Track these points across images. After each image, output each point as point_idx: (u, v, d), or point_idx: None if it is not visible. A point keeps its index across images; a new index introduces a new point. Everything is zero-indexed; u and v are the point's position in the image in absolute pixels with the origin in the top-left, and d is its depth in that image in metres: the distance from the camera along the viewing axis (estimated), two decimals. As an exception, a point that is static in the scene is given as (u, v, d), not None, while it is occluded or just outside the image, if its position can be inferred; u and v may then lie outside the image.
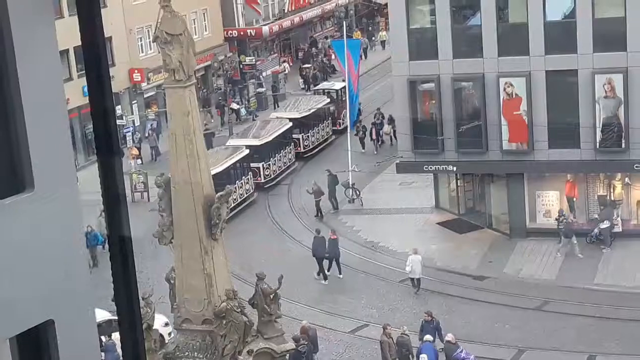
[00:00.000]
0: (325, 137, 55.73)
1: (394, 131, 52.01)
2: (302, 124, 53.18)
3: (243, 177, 46.02)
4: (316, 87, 64.06)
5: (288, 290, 31.90)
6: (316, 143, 54.85)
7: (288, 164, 51.15)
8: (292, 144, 52.10)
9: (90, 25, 3.56)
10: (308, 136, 54.06)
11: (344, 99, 55.06)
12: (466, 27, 39.90)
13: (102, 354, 29.64)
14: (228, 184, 42.95)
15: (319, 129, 55.14)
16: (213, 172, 42.00)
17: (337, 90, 58.25)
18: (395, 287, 37.07)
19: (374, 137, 53.70)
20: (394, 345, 30.15)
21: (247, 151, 46.49)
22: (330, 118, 56.35)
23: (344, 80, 54.20)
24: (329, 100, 56.60)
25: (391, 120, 52.96)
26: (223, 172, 42.38)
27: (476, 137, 39.39)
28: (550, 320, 33.45)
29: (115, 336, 28.27)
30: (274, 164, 49.65)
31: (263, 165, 48.50)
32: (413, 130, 40.32)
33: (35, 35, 3.64)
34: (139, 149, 53.85)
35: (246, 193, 46.26)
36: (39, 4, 3.64)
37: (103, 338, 29.76)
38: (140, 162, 52.31)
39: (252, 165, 47.34)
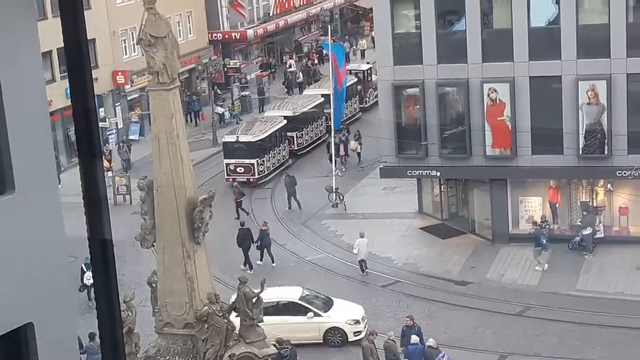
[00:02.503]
0: (354, 112, 59.92)
1: (361, 147, 52.14)
2: None
3: (280, 145, 51.62)
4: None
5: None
6: (344, 118, 57.95)
7: (319, 135, 55.65)
8: (324, 117, 55.38)
9: (73, 27, 3.54)
10: None
11: (370, 79, 61.83)
12: (451, 33, 39.95)
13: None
14: (269, 149, 49.42)
15: (347, 105, 58.35)
16: (257, 138, 48.58)
17: (364, 71, 62.97)
18: (378, 291, 37.05)
19: (341, 152, 52.00)
20: (375, 350, 30.11)
21: (284, 121, 51.81)
22: (357, 96, 60.53)
23: (371, 63, 60.52)
24: (356, 79, 60.42)
25: (358, 136, 52.72)
26: (265, 139, 49.83)
27: (460, 142, 39.44)
28: (532, 326, 33.50)
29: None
30: (307, 134, 54.57)
31: (297, 134, 53.68)
32: (397, 134, 40.33)
33: (17, 36, 3.61)
34: (109, 160, 52.31)
35: (283, 159, 52.01)
36: (21, 5, 3.62)
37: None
38: (111, 174, 51.36)
39: (288, 134, 52.77)
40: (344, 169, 51.03)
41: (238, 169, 49.44)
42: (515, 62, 37.81)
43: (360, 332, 32.84)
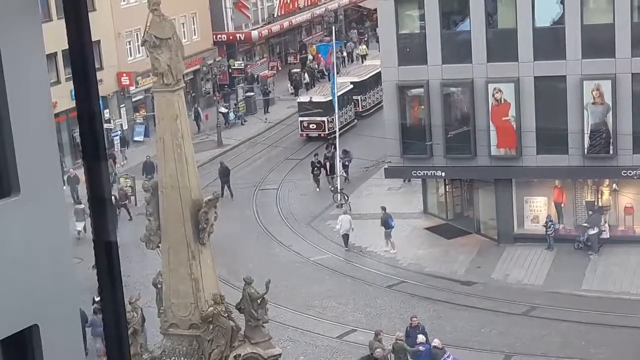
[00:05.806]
0: None
1: (347, 165, 49.56)
2: None
3: (348, 106, 58.09)
4: None
5: (275, 294, 31.92)
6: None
7: (376, 101, 60.43)
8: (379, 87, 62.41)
9: (77, 29, 3.54)
10: None
11: None
12: (455, 33, 39.95)
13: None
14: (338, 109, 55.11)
15: None
16: (328, 99, 55.03)
17: None
18: (383, 292, 37.04)
19: (328, 172, 48.82)
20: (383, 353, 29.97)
21: (351, 86, 59.16)
22: None
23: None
24: None
25: (345, 153, 49.88)
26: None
27: (465, 142, 39.41)
28: (537, 326, 33.48)
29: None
30: (370, 97, 61.48)
31: (361, 97, 60.62)
32: (402, 135, 40.34)
33: (21, 38, 3.62)
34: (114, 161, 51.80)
35: (349, 118, 58.33)
36: (26, 7, 3.62)
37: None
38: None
39: (354, 97, 59.99)
40: (331, 188, 47.65)
41: (311, 126, 56.55)
42: (520, 62, 37.79)
43: None
